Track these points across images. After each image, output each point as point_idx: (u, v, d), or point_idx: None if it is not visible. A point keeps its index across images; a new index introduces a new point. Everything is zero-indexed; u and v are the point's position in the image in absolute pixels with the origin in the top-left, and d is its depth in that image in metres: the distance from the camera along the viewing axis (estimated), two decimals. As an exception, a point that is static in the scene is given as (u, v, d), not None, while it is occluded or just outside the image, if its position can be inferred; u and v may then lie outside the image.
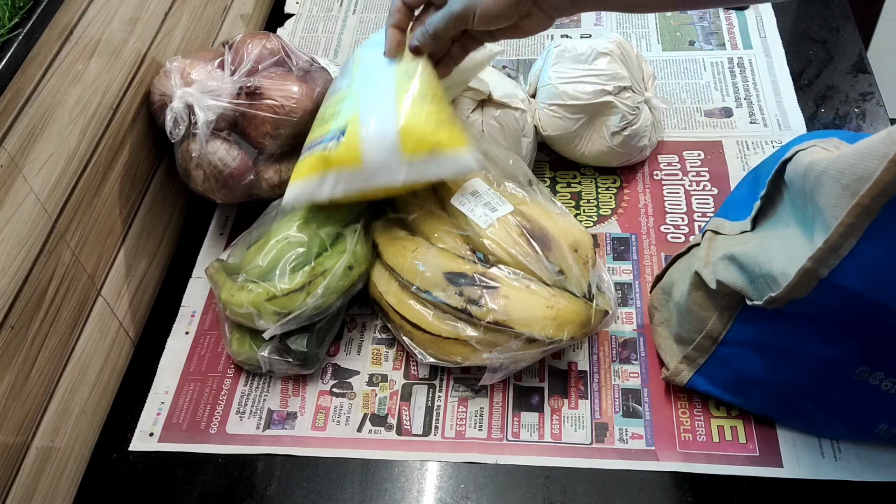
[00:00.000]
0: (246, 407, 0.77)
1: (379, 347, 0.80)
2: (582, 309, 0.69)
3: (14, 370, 0.65)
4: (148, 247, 0.86)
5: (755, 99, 0.99)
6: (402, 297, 0.74)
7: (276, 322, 0.72)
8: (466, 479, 0.70)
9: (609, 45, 0.87)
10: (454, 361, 0.71)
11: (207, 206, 0.93)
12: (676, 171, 0.92)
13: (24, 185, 0.65)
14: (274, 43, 0.84)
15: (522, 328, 0.68)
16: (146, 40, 0.84)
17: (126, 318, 0.82)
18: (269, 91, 0.79)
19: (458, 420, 0.74)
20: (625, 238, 0.86)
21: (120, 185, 0.80)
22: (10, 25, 0.64)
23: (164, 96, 0.80)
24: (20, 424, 0.66)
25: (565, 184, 0.93)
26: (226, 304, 0.75)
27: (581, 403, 0.74)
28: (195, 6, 0.96)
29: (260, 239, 0.77)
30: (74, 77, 0.71)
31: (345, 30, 1.16)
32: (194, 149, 0.80)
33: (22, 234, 0.65)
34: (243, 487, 0.71)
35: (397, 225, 0.78)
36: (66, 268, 0.72)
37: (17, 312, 0.65)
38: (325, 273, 0.73)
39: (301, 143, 0.80)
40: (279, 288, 0.72)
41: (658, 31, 1.10)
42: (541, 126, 0.89)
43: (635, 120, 0.88)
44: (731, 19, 1.10)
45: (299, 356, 0.74)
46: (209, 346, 0.82)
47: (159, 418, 0.77)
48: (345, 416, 0.75)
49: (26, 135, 0.65)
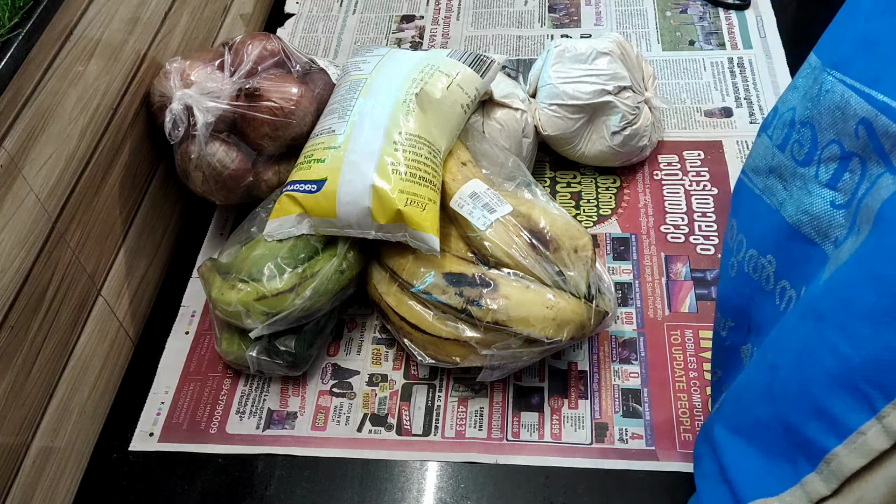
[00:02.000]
0: (246, 407, 0.77)
1: (379, 347, 0.80)
2: (581, 309, 0.69)
3: (14, 370, 0.65)
4: (148, 247, 0.86)
5: (755, 99, 0.99)
6: (402, 299, 0.74)
7: (264, 322, 0.72)
8: (466, 479, 0.70)
9: (609, 45, 0.87)
10: (453, 362, 0.71)
11: (207, 206, 0.93)
12: (676, 171, 0.92)
13: (24, 185, 0.65)
14: (274, 44, 0.84)
15: (522, 328, 0.68)
16: (146, 41, 0.84)
17: (126, 318, 0.82)
18: (269, 93, 0.79)
19: (458, 420, 0.74)
20: (625, 238, 0.86)
21: (120, 185, 0.80)
22: (10, 25, 0.64)
23: (163, 97, 0.80)
24: (20, 424, 0.66)
25: (565, 184, 0.93)
26: (215, 302, 0.75)
27: (581, 403, 0.74)
28: (195, 6, 0.96)
29: (252, 239, 0.77)
30: (74, 77, 0.71)
31: (345, 30, 1.16)
32: (193, 150, 0.80)
33: (22, 234, 0.65)
34: (243, 487, 0.71)
35: (397, 225, 0.79)
36: (66, 268, 0.72)
37: (17, 312, 0.65)
38: (315, 275, 0.73)
39: (300, 145, 0.80)
40: (269, 288, 0.72)
41: (658, 31, 1.10)
42: (541, 126, 0.89)
43: (635, 120, 0.88)
44: (731, 19, 1.10)
45: (287, 357, 0.74)
46: (209, 346, 0.82)
47: (159, 418, 0.77)
48: (345, 416, 0.75)
49: (26, 135, 0.65)
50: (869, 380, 0.42)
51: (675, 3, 1.13)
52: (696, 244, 0.85)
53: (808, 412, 0.46)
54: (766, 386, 0.50)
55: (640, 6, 1.13)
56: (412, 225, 0.71)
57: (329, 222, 0.74)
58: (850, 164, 0.49)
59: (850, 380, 0.43)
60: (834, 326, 0.45)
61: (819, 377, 0.45)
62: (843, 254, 0.48)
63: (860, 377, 0.42)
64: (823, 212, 0.52)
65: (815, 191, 0.52)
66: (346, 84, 0.81)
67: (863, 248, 0.45)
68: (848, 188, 0.50)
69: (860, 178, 0.49)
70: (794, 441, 0.46)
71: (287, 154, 0.83)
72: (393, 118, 0.75)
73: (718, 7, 1.12)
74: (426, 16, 1.16)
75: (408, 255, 0.74)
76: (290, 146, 0.82)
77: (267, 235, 0.76)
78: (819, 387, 0.45)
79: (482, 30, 1.13)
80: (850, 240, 0.48)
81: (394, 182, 0.71)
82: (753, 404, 0.51)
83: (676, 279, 0.82)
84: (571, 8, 1.15)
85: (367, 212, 0.72)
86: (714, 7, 1.12)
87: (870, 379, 0.42)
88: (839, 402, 0.43)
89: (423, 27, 1.14)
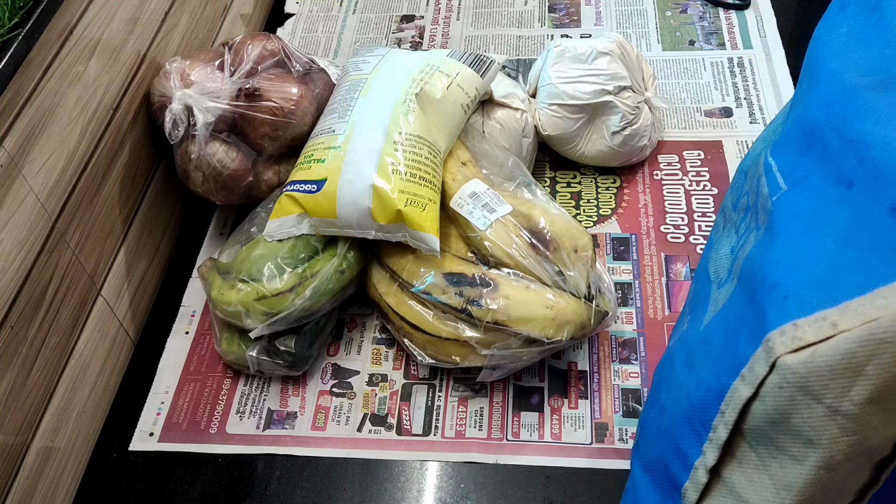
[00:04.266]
0: (246, 407, 0.77)
1: (379, 347, 0.80)
2: (581, 309, 0.69)
3: (14, 370, 0.65)
4: (148, 247, 0.86)
5: (755, 99, 0.99)
6: (402, 299, 0.74)
7: (264, 322, 0.72)
8: (466, 479, 0.70)
9: (609, 45, 0.87)
10: (453, 362, 0.71)
11: (207, 206, 0.93)
12: (676, 171, 0.92)
13: (24, 185, 0.65)
14: (274, 44, 0.84)
15: (522, 328, 0.68)
16: (146, 40, 0.84)
17: (126, 318, 0.82)
18: (268, 93, 0.79)
19: (458, 420, 0.74)
20: (625, 238, 0.86)
21: (120, 185, 0.80)
22: (10, 25, 0.64)
23: (163, 97, 0.80)
24: (20, 424, 0.66)
25: (565, 184, 0.93)
26: (215, 302, 0.75)
27: (581, 403, 0.74)
28: (195, 6, 0.96)
29: (252, 239, 0.77)
30: (74, 77, 0.71)
31: (345, 30, 1.16)
32: (193, 150, 0.80)
33: (22, 234, 0.65)
34: (243, 487, 0.71)
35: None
36: (66, 268, 0.72)
37: (17, 312, 0.65)
38: (315, 275, 0.73)
39: (300, 145, 0.80)
40: (269, 288, 0.72)
41: (658, 30, 1.10)
42: (541, 126, 0.89)
43: (635, 120, 0.88)
44: (731, 19, 1.10)
45: (287, 357, 0.74)
46: (209, 346, 0.82)
47: (159, 418, 0.77)
48: (345, 416, 0.75)
49: (26, 135, 0.65)
50: (700, 417, 0.44)
51: (675, 3, 1.13)
52: (697, 244, 0.85)
53: (673, 450, 0.47)
54: (656, 426, 0.51)
55: (640, 6, 1.13)
56: (412, 225, 0.71)
57: (329, 222, 0.74)
58: (747, 215, 0.52)
59: (691, 417, 0.45)
60: (694, 369, 0.47)
61: (679, 417, 0.47)
62: (718, 301, 0.49)
63: (696, 416, 0.45)
64: (724, 255, 0.53)
65: (732, 235, 0.54)
66: (346, 84, 0.81)
67: (728, 302, 0.47)
68: (741, 237, 0.51)
69: (746, 230, 0.51)
70: (670, 478, 0.48)
71: (287, 154, 0.83)
72: (393, 118, 0.75)
73: (718, 7, 1.12)
74: (426, 16, 1.16)
75: (408, 255, 0.74)
76: (290, 146, 0.82)
77: (267, 235, 0.76)
78: (679, 426, 0.47)
79: (482, 30, 1.13)
80: (726, 287, 0.50)
81: (394, 182, 0.71)
82: (650, 442, 0.52)
83: (676, 279, 0.82)
84: (571, 8, 1.15)
85: (367, 212, 0.72)
86: (714, 7, 1.12)
87: (700, 416, 0.44)
88: (686, 439, 0.46)
89: (423, 27, 1.14)
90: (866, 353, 0.34)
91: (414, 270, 0.73)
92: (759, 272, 0.43)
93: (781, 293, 0.40)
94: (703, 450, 0.44)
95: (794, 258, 0.41)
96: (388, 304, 0.74)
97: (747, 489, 0.42)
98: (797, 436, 0.38)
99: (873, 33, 0.43)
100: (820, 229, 0.40)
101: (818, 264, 0.39)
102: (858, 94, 0.42)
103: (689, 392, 0.46)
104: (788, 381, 0.37)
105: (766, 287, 0.41)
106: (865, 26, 0.44)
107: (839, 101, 0.43)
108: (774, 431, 0.39)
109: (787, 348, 0.37)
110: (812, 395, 0.37)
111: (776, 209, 0.45)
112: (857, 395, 0.35)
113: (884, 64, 0.41)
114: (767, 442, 0.40)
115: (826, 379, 0.36)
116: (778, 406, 0.38)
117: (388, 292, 0.75)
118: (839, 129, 0.42)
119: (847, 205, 0.39)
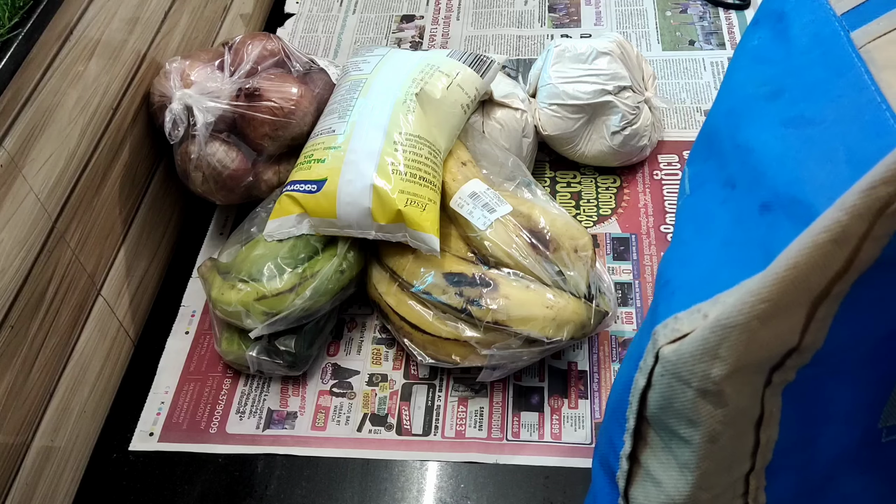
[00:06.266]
0: (246, 407, 0.77)
1: (379, 347, 0.80)
2: (581, 309, 0.70)
3: (14, 370, 0.65)
4: (148, 247, 0.86)
5: (755, 99, 0.99)
6: (402, 299, 0.74)
7: (264, 322, 0.72)
8: (466, 478, 0.70)
9: (609, 45, 0.87)
10: (453, 362, 0.71)
11: (207, 206, 0.93)
12: (676, 171, 0.92)
13: (24, 185, 0.65)
14: (274, 44, 0.84)
15: (522, 328, 0.68)
16: (146, 40, 0.84)
17: (126, 318, 0.82)
18: (268, 93, 0.79)
19: (458, 420, 0.74)
20: (625, 238, 0.86)
21: (120, 185, 0.80)
22: (10, 25, 0.64)
23: (163, 97, 0.80)
24: (20, 424, 0.66)
25: (565, 184, 0.93)
26: (215, 302, 0.75)
27: (581, 403, 0.74)
28: (195, 6, 0.96)
29: (252, 239, 0.77)
30: (74, 77, 0.71)
31: (345, 30, 1.16)
32: (193, 150, 0.80)
33: (22, 234, 0.65)
34: (243, 487, 0.71)
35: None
36: (66, 268, 0.72)
37: (17, 312, 0.65)
38: (315, 275, 0.73)
39: (300, 145, 0.80)
40: (269, 288, 0.72)
41: (658, 30, 1.10)
42: (541, 126, 0.89)
43: (635, 120, 0.88)
44: (731, 19, 1.10)
45: (287, 357, 0.74)
46: (209, 346, 0.82)
47: (159, 418, 0.77)
48: (345, 416, 0.75)
49: (26, 135, 0.65)
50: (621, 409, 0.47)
51: (675, 2, 1.13)
52: (696, 244, 0.85)
53: (608, 443, 0.50)
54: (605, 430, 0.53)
55: (640, 6, 1.13)
56: (412, 225, 0.71)
57: (329, 222, 0.74)
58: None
59: (616, 410, 0.49)
60: (622, 365, 0.50)
61: (610, 411, 0.51)
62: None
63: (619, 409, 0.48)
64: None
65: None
66: (346, 84, 0.81)
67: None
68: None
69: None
70: (612, 470, 0.50)
71: (287, 154, 0.83)
72: (393, 118, 0.75)
73: (718, 7, 1.12)
74: (426, 16, 1.16)
75: (408, 255, 0.74)
76: (290, 146, 0.82)
77: (267, 235, 0.76)
78: (610, 419, 0.51)
79: (482, 30, 1.13)
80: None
81: (394, 182, 0.71)
82: (600, 439, 0.54)
83: (676, 279, 0.82)
84: (571, 8, 1.15)
85: (367, 212, 0.72)
86: (714, 7, 1.12)
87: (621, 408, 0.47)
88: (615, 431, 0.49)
89: (423, 27, 1.14)
90: (716, 339, 0.37)
91: (414, 270, 0.73)
92: (660, 272, 0.46)
93: (670, 289, 0.43)
94: (623, 439, 0.47)
95: (684, 257, 0.45)
96: (388, 304, 0.74)
97: (659, 472, 0.45)
98: (681, 418, 0.41)
99: (775, 45, 0.46)
100: (708, 229, 0.44)
101: (703, 262, 0.42)
102: (752, 104, 0.44)
103: (616, 387, 0.49)
104: (667, 370, 0.40)
105: (661, 284, 0.45)
106: (770, 38, 0.47)
107: (737, 110, 0.46)
108: (666, 416, 0.42)
109: (666, 339, 0.40)
110: (683, 381, 0.40)
111: (678, 213, 0.50)
112: (716, 376, 0.38)
113: (778, 76, 0.44)
114: (664, 427, 0.43)
115: (690, 365, 0.39)
116: (663, 393, 0.41)
117: (388, 292, 0.75)
118: (732, 135, 0.45)
119: (731, 205, 0.43)
